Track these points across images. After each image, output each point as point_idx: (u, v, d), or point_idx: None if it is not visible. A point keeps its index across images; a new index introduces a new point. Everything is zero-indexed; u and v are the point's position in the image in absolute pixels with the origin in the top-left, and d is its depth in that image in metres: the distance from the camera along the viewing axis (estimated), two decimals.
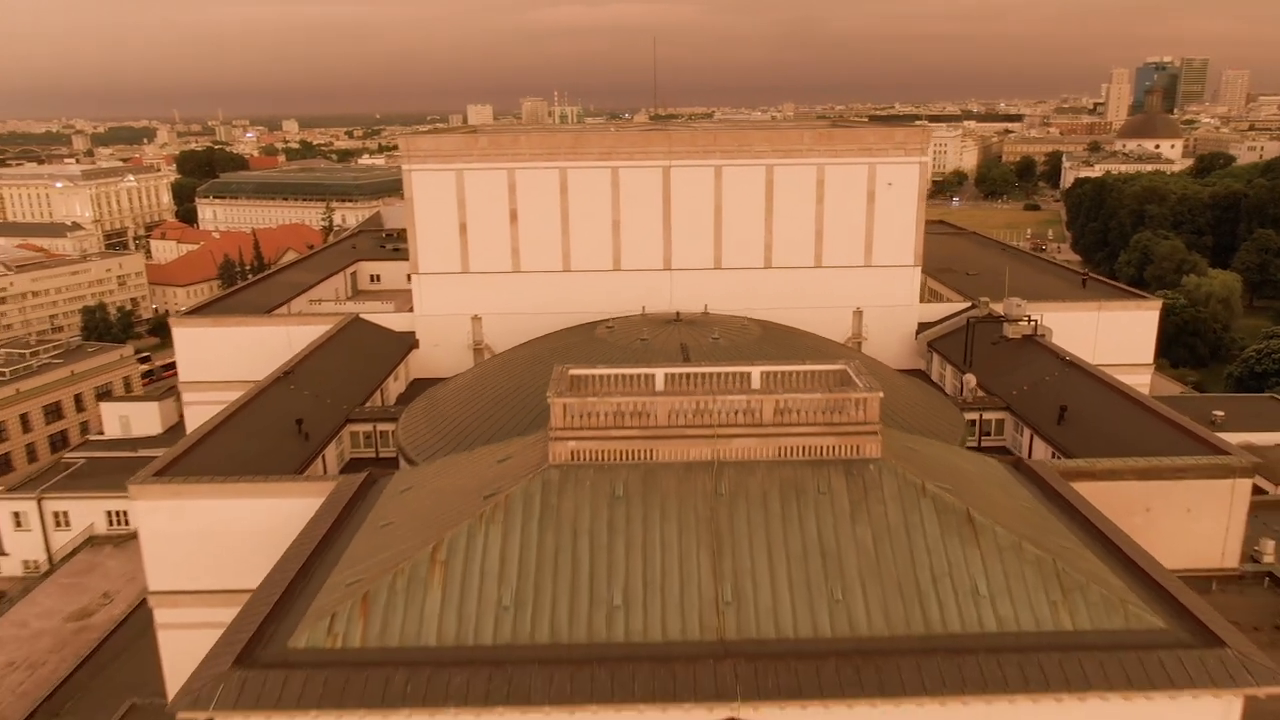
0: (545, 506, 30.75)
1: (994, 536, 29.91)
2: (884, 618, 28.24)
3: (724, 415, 31.50)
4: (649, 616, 28.30)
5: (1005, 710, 26.92)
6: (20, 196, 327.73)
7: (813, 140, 71.65)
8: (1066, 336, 72.93)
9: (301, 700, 26.31)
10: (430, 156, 71.26)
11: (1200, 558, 44.20)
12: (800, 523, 30.23)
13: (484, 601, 28.56)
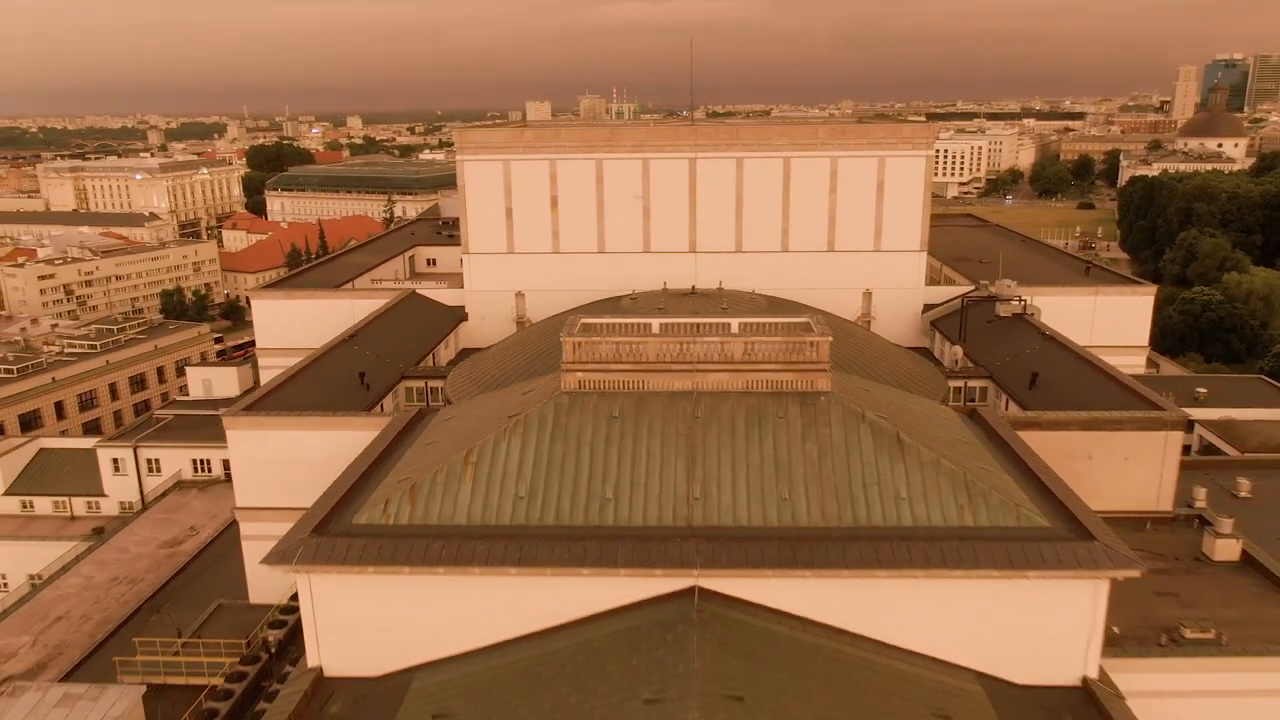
0: (556, 424, 38.41)
1: (918, 454, 36.78)
2: (820, 513, 35.35)
3: (702, 354, 38.87)
4: (633, 507, 35.78)
5: (911, 585, 33.87)
6: (102, 188, 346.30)
7: (827, 135, 78.34)
8: (1066, 319, 78.67)
9: (362, 559, 34.34)
10: (481, 148, 79.47)
11: (1138, 501, 50.29)
12: (759, 440, 37.46)
13: (504, 493, 36.31)
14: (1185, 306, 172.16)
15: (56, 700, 42.09)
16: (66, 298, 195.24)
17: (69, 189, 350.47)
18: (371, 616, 35.24)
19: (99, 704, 41.80)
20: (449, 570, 34.13)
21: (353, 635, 35.49)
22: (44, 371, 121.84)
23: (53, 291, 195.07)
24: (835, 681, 31.64)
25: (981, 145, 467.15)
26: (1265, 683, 37.77)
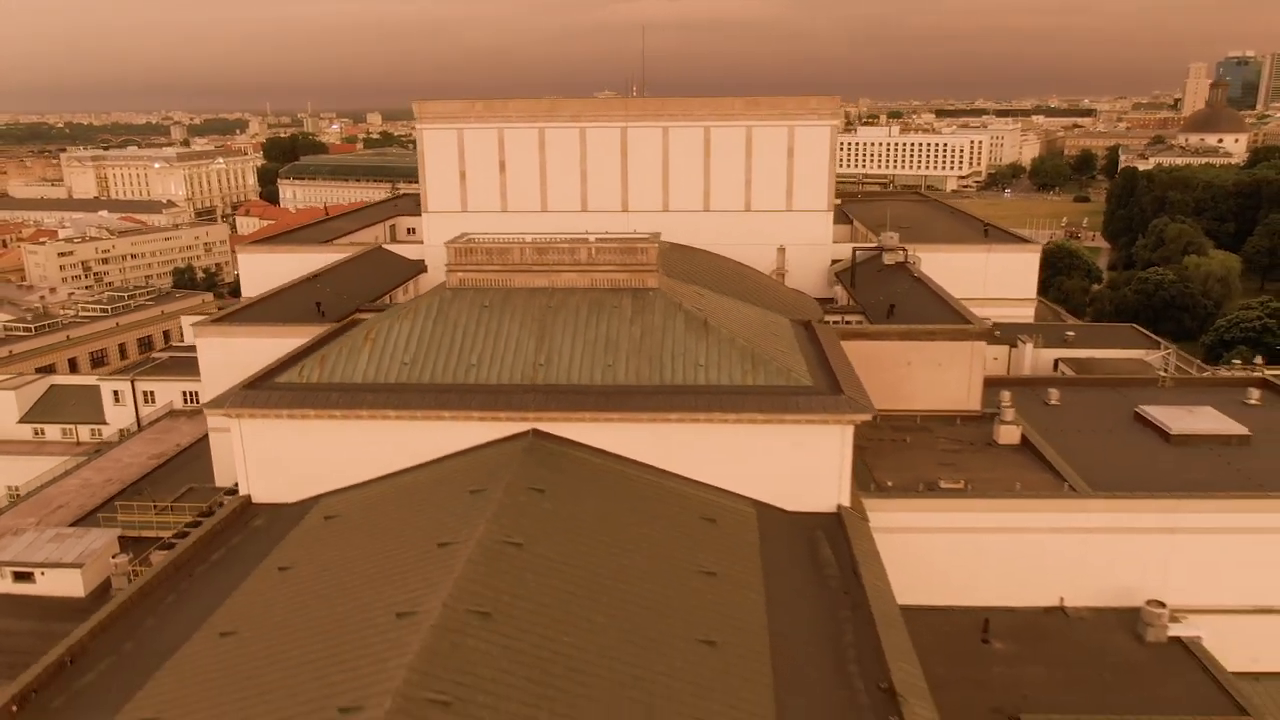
0: (440, 311, 48.59)
1: (719, 334, 46.68)
2: (635, 376, 45.33)
3: (556, 259, 48.95)
4: (492, 370, 45.89)
5: (700, 428, 43.77)
6: (122, 176, 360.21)
7: (742, 107, 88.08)
8: (962, 273, 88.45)
9: (277, 405, 44.68)
10: (437, 118, 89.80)
11: (950, 401, 59.94)
12: (596, 323, 47.48)
13: (393, 360, 46.54)
14: (1140, 286, 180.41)
15: (49, 538, 52.79)
16: (84, 273, 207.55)
17: (90, 177, 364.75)
18: (287, 454, 45.55)
19: (83, 540, 52.51)
20: (344, 414, 44.40)
21: (273, 469, 45.83)
22: (59, 330, 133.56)
23: (71, 268, 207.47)
24: (626, 491, 41.68)
25: (982, 140, 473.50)
26: (993, 521, 47.42)
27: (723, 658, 31.74)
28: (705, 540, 39.61)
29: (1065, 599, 48.61)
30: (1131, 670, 44.10)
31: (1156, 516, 47.48)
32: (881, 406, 58.98)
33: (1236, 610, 48.54)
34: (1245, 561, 48.01)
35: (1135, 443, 56.25)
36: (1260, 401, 62.61)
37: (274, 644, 31.07)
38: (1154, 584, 48.03)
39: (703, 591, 35.57)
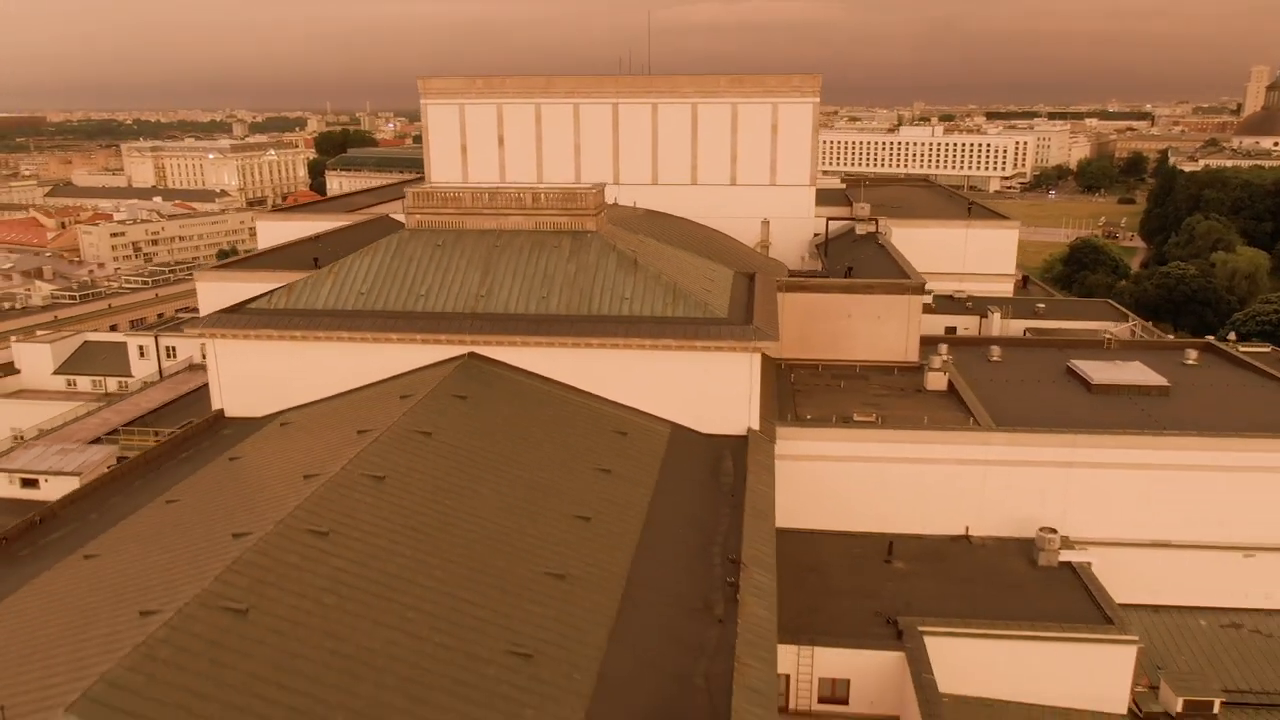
0: (398, 249, 53.44)
1: (647, 273, 50.85)
2: (566, 306, 49.70)
3: (504, 203, 53.54)
4: (440, 300, 50.57)
5: (622, 354, 47.94)
6: (179, 166, 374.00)
7: (728, 85, 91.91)
8: (942, 248, 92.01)
9: (245, 325, 49.89)
10: (441, 94, 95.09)
11: (889, 353, 63.32)
12: (536, 261, 51.94)
13: (351, 290, 51.49)
14: (1161, 281, 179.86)
15: (55, 451, 58.72)
16: (135, 253, 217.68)
17: (149, 167, 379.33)
18: (255, 371, 50.68)
19: (84, 454, 58.28)
20: (304, 335, 49.46)
21: (243, 385, 51.04)
22: (102, 299, 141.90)
23: (123, 248, 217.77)
24: (546, 404, 46.06)
25: (1027, 140, 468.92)
26: (900, 451, 50.86)
27: (594, 530, 35.96)
28: (611, 447, 43.82)
29: (970, 528, 51.91)
30: (1018, 588, 47.30)
31: (1055, 450, 50.57)
32: (822, 356, 63.32)
33: (1134, 544, 51.42)
34: (1141, 497, 50.87)
35: (1059, 392, 59.17)
36: (1197, 361, 64.98)
37: (204, 504, 36.02)
38: (1055, 516, 51.15)
39: (592, 483, 39.82)
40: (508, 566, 32.03)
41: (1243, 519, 50.89)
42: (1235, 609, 51.55)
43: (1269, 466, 50.18)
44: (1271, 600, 51.66)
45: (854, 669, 41.62)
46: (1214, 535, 51.07)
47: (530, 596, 30.53)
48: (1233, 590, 51.42)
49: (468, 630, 27.86)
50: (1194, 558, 51.30)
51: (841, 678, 41.88)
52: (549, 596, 30.87)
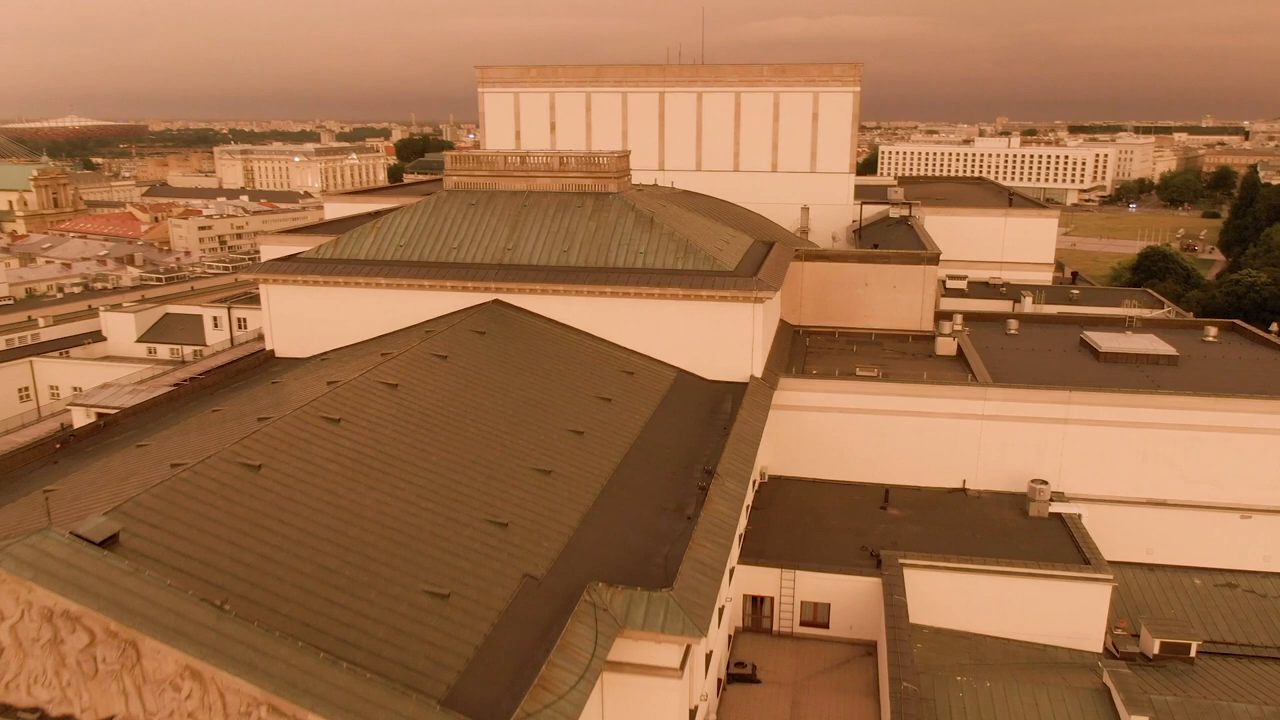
0: (436, 208, 57.83)
1: (661, 230, 54.25)
2: (584, 259, 53.36)
3: (534, 166, 57.56)
4: (471, 253, 54.73)
5: (630, 301, 51.36)
6: (265, 169, 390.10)
7: (770, 74, 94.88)
8: (981, 236, 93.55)
9: (296, 270, 54.72)
10: (497, 82, 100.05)
11: (905, 321, 65.48)
12: (560, 218, 55.76)
13: (392, 243, 56.00)
14: (1230, 289, 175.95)
15: (127, 391, 64.41)
16: (220, 245, 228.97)
17: (239, 169, 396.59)
18: (302, 314, 55.48)
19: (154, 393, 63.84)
20: (345, 281, 54.08)
21: (292, 327, 55.88)
22: (184, 281, 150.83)
23: (209, 240, 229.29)
24: (560, 345, 49.73)
25: (1108, 153, 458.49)
26: (899, 404, 53.14)
27: (585, 442, 39.44)
28: (615, 383, 47.26)
29: (967, 482, 53.89)
30: (1006, 535, 49.18)
31: (1051, 407, 52.32)
32: (840, 324, 65.83)
33: (1129, 501, 52.79)
34: (1136, 455, 52.25)
35: (1068, 360, 60.60)
36: (1215, 339, 65.59)
37: (243, 409, 40.49)
38: (1050, 472, 52.87)
39: (592, 408, 43.30)
40: (498, 460, 35.69)
41: (1240, 480, 51.87)
42: (1232, 570, 52.45)
43: (1268, 428, 51.09)
44: (1270, 563, 52.43)
45: (834, 593, 44.19)
46: (1210, 495, 52.15)
47: (515, 484, 34.13)
48: (1229, 551, 52.35)
49: (453, 501, 31.58)
50: (1190, 517, 52.41)
51: (822, 602, 44.48)
52: (533, 486, 34.44)
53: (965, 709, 39.49)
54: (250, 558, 25.42)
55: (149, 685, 22.81)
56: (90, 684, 23.21)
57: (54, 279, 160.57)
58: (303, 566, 25.82)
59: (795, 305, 66.70)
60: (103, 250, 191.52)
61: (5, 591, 23.09)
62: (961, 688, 40.55)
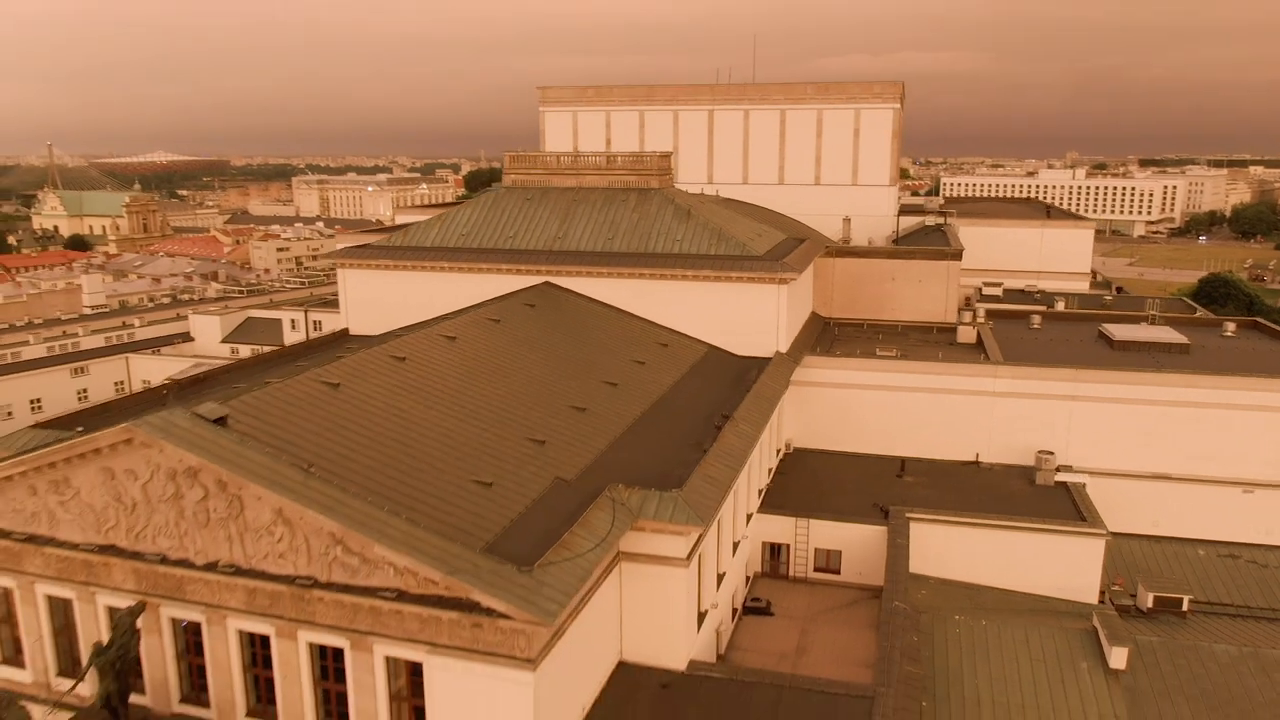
0: (494, 203, 64.00)
1: (697, 221, 59.52)
2: (627, 245, 58.83)
3: (584, 165, 63.44)
4: (525, 241, 60.65)
5: (666, 283, 56.55)
6: (340, 198, 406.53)
7: (814, 92, 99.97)
8: (1019, 246, 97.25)
9: (369, 256, 61.23)
10: (556, 102, 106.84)
11: (930, 313, 69.53)
12: (606, 211, 61.41)
13: (455, 232, 62.21)
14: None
15: None
16: (297, 266, 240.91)
17: (315, 199, 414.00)
18: (375, 296, 61.82)
19: None
20: (413, 265, 60.34)
21: (365, 308, 62.25)
22: (264, 294, 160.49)
23: (286, 261, 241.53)
24: (601, 320, 55.07)
25: (1177, 185, 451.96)
26: (916, 381, 57.28)
27: (618, 392, 44.59)
28: (650, 351, 52.39)
29: (980, 455, 57.60)
30: (1010, 498, 52.84)
31: (1059, 385, 55.98)
32: (868, 316, 70.25)
33: (1135, 475, 55.96)
34: (1141, 431, 55.53)
35: (1084, 349, 64.02)
36: (1234, 334, 68.28)
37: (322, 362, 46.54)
38: (1059, 446, 56.39)
39: (627, 368, 48.48)
40: (539, 398, 41.01)
41: (1241, 456, 54.76)
42: (1234, 542, 55.18)
43: (1268, 406, 54.01)
44: (1271, 536, 55.07)
45: (844, 541, 48.40)
46: (1212, 470, 55.08)
47: (553, 416, 39.40)
48: (1232, 524, 55.12)
49: (497, 423, 36.97)
50: (1193, 491, 55.37)
51: (834, 549, 48.71)
52: (568, 419, 39.68)
53: (960, 643, 43.32)
54: (329, 445, 31.00)
55: (249, 532, 28.47)
56: (202, 532, 28.98)
57: (144, 292, 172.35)
58: (370, 457, 31.31)
59: (826, 299, 71.24)
60: (189, 268, 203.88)
61: (139, 456, 29.06)
62: (958, 625, 44.41)
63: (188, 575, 29.31)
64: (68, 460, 29.93)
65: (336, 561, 27.53)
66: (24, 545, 31.30)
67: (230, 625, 29.72)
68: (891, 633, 37.39)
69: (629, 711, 32.05)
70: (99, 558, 30.32)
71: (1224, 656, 42.59)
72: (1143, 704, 39.93)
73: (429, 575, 26.25)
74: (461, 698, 27.39)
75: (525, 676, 26.53)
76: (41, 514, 31.05)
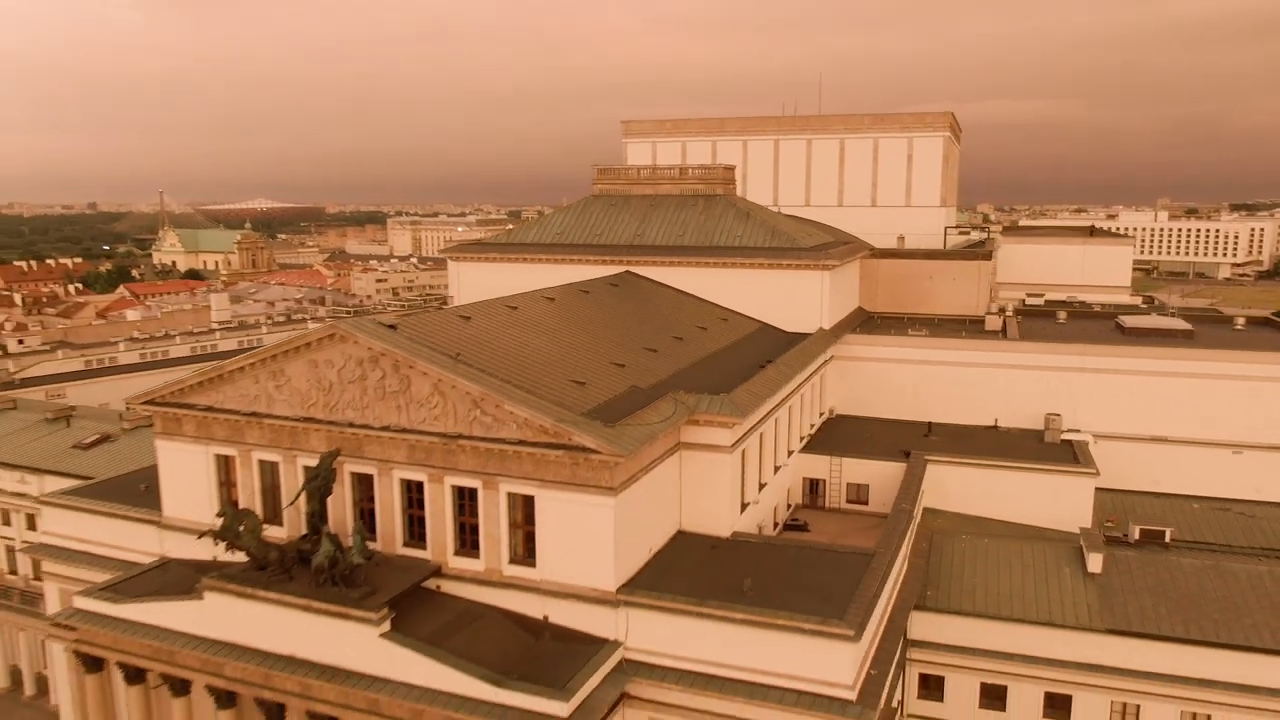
0: (585, 208, 75.79)
1: (754, 221, 70.23)
2: (694, 241, 69.77)
3: (660, 176, 74.95)
4: (609, 238, 72.10)
5: (725, 270, 67.14)
6: (432, 237, 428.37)
7: (870, 122, 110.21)
8: (1061, 262, 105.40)
9: (479, 250, 73.47)
10: (638, 134, 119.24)
11: (964, 308, 78.58)
12: (677, 214, 72.56)
13: (551, 232, 74.11)
14: None
15: None
16: (394, 296, 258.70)
17: (408, 238, 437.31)
18: (483, 285, 73.77)
19: None
20: (516, 258, 72.25)
21: (473, 296, 74.14)
22: (368, 314, 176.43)
23: (384, 291, 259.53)
24: (672, 300, 65.91)
25: (1264, 227, 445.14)
26: (942, 356, 66.54)
27: (683, 344, 55.23)
28: (712, 323, 62.97)
29: (999, 420, 66.33)
30: (1020, 451, 61.44)
31: (1067, 358, 64.68)
32: (908, 310, 79.82)
33: (1136, 438, 64.06)
34: (1140, 397, 63.72)
35: (1096, 334, 72.27)
36: (1243, 327, 75.64)
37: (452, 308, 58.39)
38: (1068, 412, 64.88)
39: (689, 330, 59.09)
40: (620, 342, 51.88)
41: (1231, 421, 62.51)
42: (1227, 498, 62.63)
43: (1252, 376, 61.80)
44: (1261, 494, 62.42)
45: (871, 476, 57.81)
46: (1206, 433, 62.88)
47: (631, 352, 50.24)
48: (1224, 481, 62.70)
49: (587, 352, 47.95)
50: (1189, 452, 63.25)
51: (863, 483, 58.12)
52: (643, 355, 50.45)
53: (964, 553, 52.36)
54: (465, 350, 42.29)
55: (413, 403, 39.86)
56: (379, 404, 40.48)
57: (261, 313, 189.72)
58: (493, 360, 42.40)
59: (872, 295, 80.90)
60: (298, 294, 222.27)
61: (337, 349, 40.84)
62: (963, 542, 53.45)
63: (367, 435, 40.77)
64: (285, 353, 41.88)
65: (475, 420, 38.64)
66: (248, 419, 43.29)
67: (395, 475, 41.04)
68: (896, 521, 46.78)
69: (685, 559, 42.16)
70: (302, 425, 42.05)
71: (1188, 566, 50.69)
72: (1112, 598, 48.34)
73: (542, 424, 37.15)
74: (562, 521, 38.05)
75: (608, 500, 37.10)
76: (261, 396, 43.04)
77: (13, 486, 73.53)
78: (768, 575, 40.06)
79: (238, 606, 39.56)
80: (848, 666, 35.08)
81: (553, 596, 38.86)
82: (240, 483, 45.03)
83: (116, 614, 42.14)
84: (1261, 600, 47.69)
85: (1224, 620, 46.34)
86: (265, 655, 39.10)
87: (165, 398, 45.50)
